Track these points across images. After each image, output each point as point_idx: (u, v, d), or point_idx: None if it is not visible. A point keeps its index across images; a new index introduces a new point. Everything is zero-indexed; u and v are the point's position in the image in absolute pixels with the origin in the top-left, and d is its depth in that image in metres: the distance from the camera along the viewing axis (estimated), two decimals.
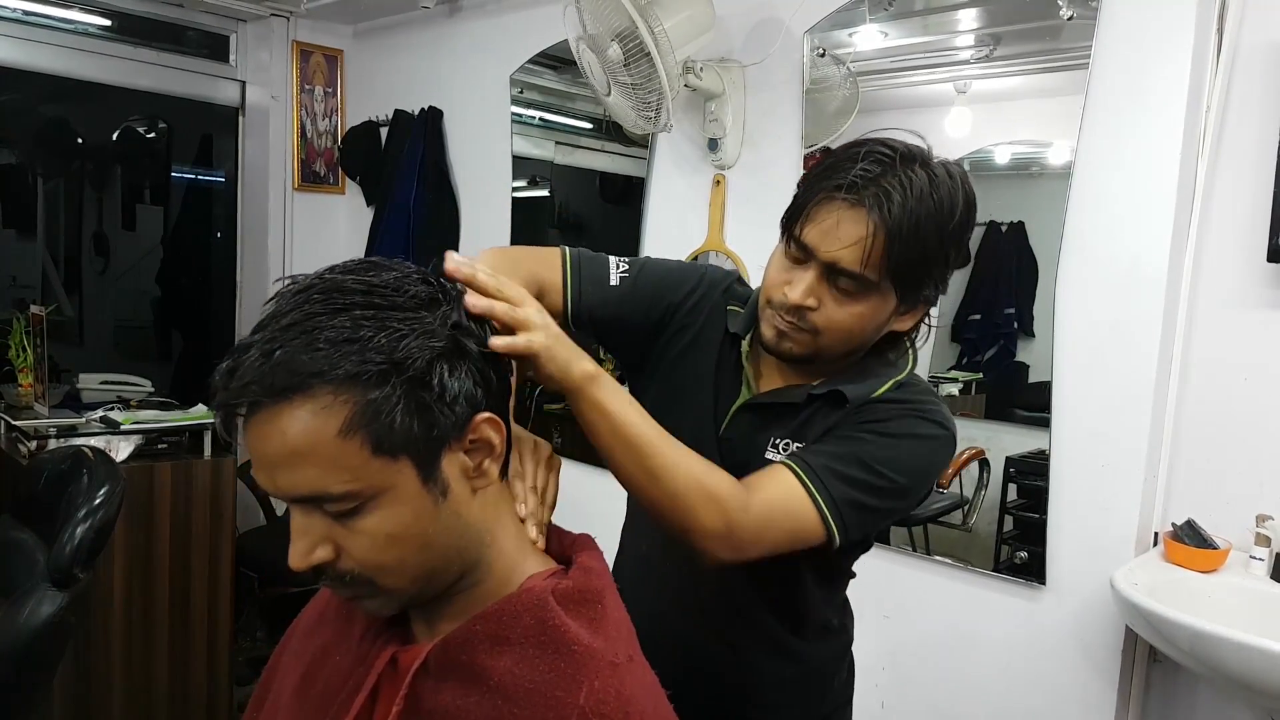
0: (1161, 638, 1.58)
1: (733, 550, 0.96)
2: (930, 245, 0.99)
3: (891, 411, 1.07)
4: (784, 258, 1.06)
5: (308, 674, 0.83)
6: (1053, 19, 1.91)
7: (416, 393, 0.67)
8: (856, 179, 0.97)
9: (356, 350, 0.65)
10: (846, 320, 1.03)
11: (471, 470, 0.72)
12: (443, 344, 0.69)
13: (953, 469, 2.13)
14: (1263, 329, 1.75)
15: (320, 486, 0.66)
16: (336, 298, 0.67)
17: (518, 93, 3.01)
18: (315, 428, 0.64)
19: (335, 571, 0.70)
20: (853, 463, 1.01)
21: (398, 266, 0.72)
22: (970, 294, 2.16)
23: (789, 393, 1.11)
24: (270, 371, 0.64)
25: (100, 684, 2.38)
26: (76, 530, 1.64)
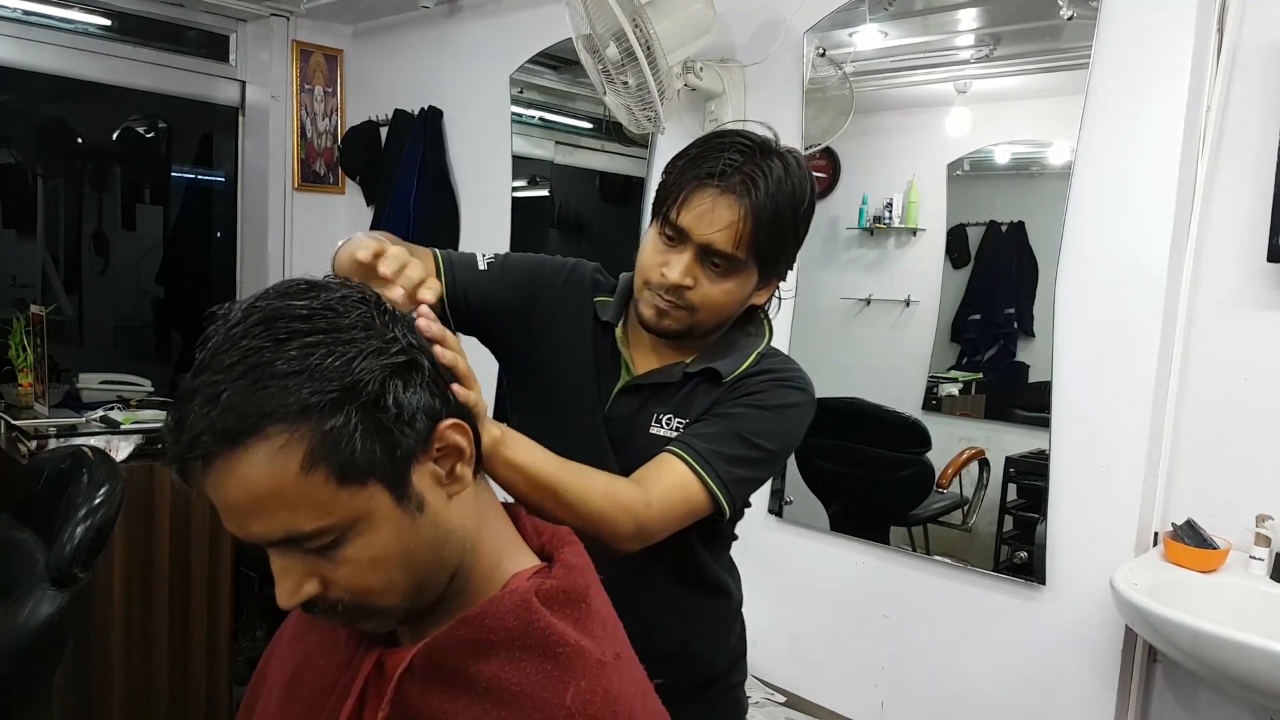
0: (1161, 638, 1.58)
1: (642, 541, 1.07)
2: (787, 226, 1.13)
3: (763, 384, 1.18)
4: (658, 240, 1.14)
5: (295, 677, 0.83)
6: (1053, 19, 1.91)
7: (373, 415, 0.64)
8: (726, 168, 1.09)
9: (305, 381, 0.62)
10: (719, 296, 1.14)
11: (444, 478, 0.71)
12: (395, 360, 0.66)
13: (953, 469, 2.13)
14: (1263, 329, 1.75)
15: (292, 527, 0.64)
16: (278, 326, 0.63)
17: (517, 92, 3.01)
18: (276, 469, 0.62)
19: (326, 603, 0.69)
20: (734, 440, 1.13)
21: (333, 285, 0.69)
22: (970, 294, 2.16)
23: (666, 372, 1.21)
24: (219, 417, 0.61)
25: (100, 683, 2.37)
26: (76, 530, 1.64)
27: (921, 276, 2.20)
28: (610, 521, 1.02)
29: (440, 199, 3.22)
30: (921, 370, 2.20)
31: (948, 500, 2.16)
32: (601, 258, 1.34)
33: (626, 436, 1.19)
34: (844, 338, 2.30)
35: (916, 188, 2.18)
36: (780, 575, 2.39)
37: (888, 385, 2.26)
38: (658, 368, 1.21)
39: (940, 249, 2.16)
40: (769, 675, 2.39)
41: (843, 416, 2.31)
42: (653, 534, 1.08)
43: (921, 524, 2.21)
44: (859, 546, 2.25)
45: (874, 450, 2.30)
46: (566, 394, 1.23)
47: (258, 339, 0.63)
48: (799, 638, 2.36)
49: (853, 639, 2.26)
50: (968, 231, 2.14)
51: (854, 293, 2.29)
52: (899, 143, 2.27)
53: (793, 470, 2.36)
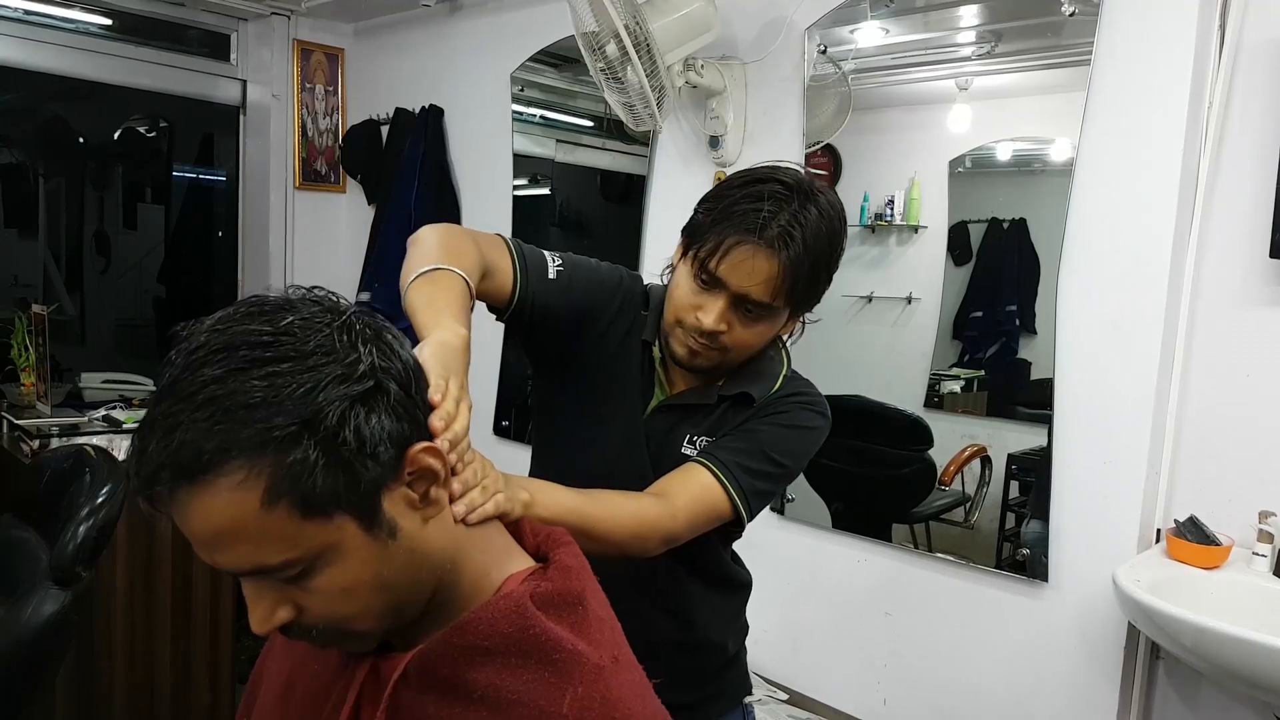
0: (1164, 634, 1.58)
1: (669, 547, 1.13)
2: (822, 273, 1.17)
3: (790, 405, 1.24)
4: (692, 280, 1.16)
5: (290, 679, 0.82)
6: (1054, 15, 1.90)
7: (334, 448, 0.62)
8: (764, 221, 1.11)
9: (260, 415, 0.60)
10: (750, 338, 1.18)
11: (418, 502, 0.69)
12: (358, 387, 0.63)
13: (955, 466, 2.13)
14: (1265, 325, 1.74)
15: (257, 561, 0.63)
16: (239, 354, 0.61)
17: (518, 91, 3.01)
18: (236, 504, 0.60)
19: (301, 627, 0.68)
20: (758, 456, 1.18)
21: (296, 305, 0.66)
22: (972, 291, 2.16)
23: (701, 394, 1.25)
24: (177, 451, 0.59)
25: (103, 682, 2.38)
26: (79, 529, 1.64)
27: (923, 274, 2.20)
28: (640, 546, 1.09)
29: (441, 197, 3.22)
30: (923, 368, 2.20)
31: (950, 498, 2.16)
32: (603, 255, 1.34)
33: (658, 453, 1.23)
34: (846, 335, 2.30)
35: (918, 185, 2.18)
36: (782, 573, 2.39)
37: (890, 383, 2.26)
38: (692, 388, 1.26)
39: (942, 246, 2.16)
40: (771, 673, 2.39)
41: (845, 414, 2.29)
42: (679, 540, 1.13)
43: (924, 521, 2.21)
44: (861, 544, 2.25)
45: (876, 448, 2.30)
46: (608, 407, 1.26)
47: (217, 367, 0.61)
48: (801, 635, 2.36)
49: (855, 636, 2.26)
50: (969, 229, 2.14)
51: (855, 290, 2.29)
52: (900, 140, 2.27)
53: None
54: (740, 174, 1.18)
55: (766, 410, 1.23)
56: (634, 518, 1.08)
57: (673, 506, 1.11)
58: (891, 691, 2.20)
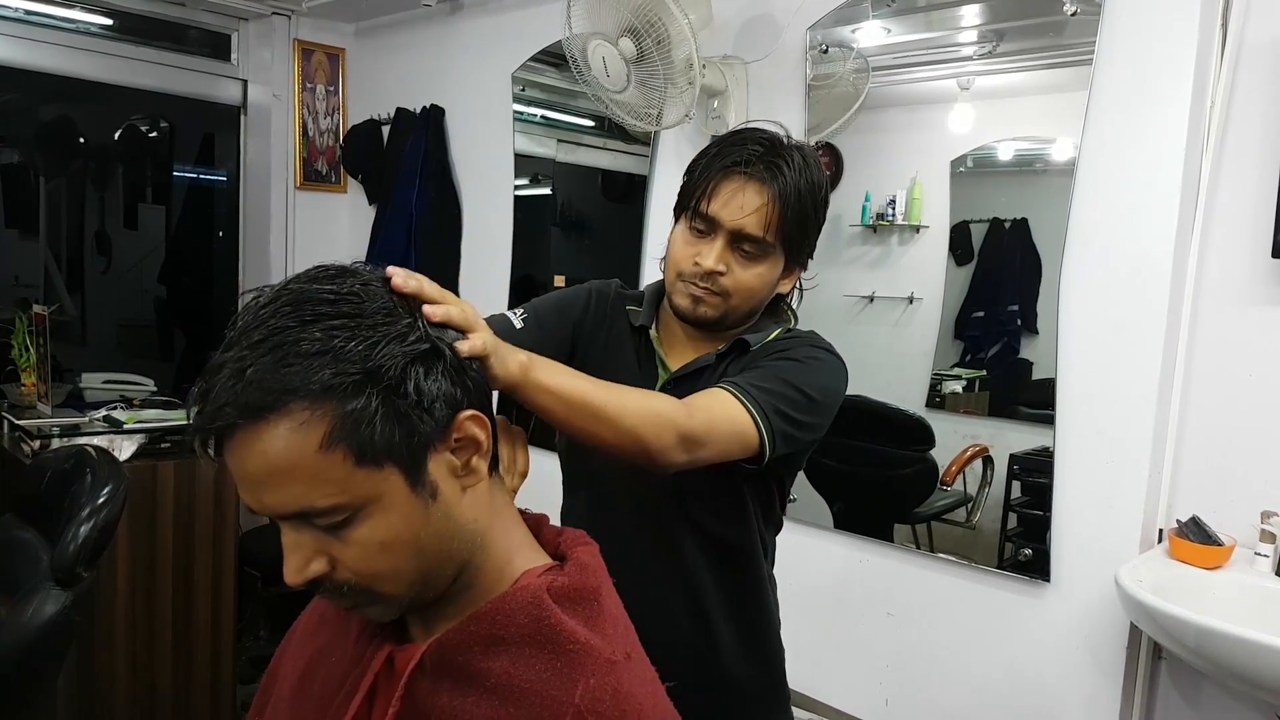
0: (1166, 634, 1.57)
1: (687, 451, 1.07)
2: (809, 211, 1.19)
3: (789, 343, 1.25)
4: (687, 233, 1.20)
5: (306, 674, 0.83)
6: (1056, 15, 1.90)
7: (394, 400, 0.66)
8: (750, 156, 1.16)
9: (329, 362, 0.64)
10: (751, 280, 1.20)
11: (460, 469, 0.72)
12: (417, 348, 0.68)
13: (956, 466, 2.13)
14: (1268, 325, 1.74)
15: (306, 502, 0.65)
16: (305, 309, 0.65)
17: (519, 90, 3.01)
18: (295, 444, 0.63)
19: (332, 583, 0.69)
20: (772, 379, 1.17)
21: (360, 273, 0.71)
22: (973, 291, 2.15)
23: (700, 360, 1.27)
24: (244, 391, 0.63)
25: (104, 682, 2.38)
26: (80, 529, 1.64)
27: (925, 274, 2.20)
28: (649, 433, 1.03)
29: (442, 197, 3.22)
30: (925, 368, 2.20)
31: (952, 498, 2.16)
32: (604, 255, 1.36)
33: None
34: (847, 335, 2.30)
35: (920, 184, 2.18)
36: (784, 573, 2.38)
37: (891, 383, 2.26)
38: (693, 359, 1.27)
39: (943, 246, 2.16)
40: None
41: (846, 414, 2.28)
42: (697, 440, 1.07)
43: (925, 521, 2.21)
44: (863, 544, 2.25)
45: (878, 448, 2.30)
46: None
47: (285, 319, 0.65)
48: (803, 635, 2.35)
49: (856, 637, 2.26)
50: (971, 228, 2.13)
51: (857, 290, 2.29)
52: (902, 139, 2.26)
53: None
54: (719, 136, 1.24)
55: (767, 350, 1.23)
56: (646, 408, 1.05)
57: (688, 407, 1.08)
58: (893, 692, 2.20)
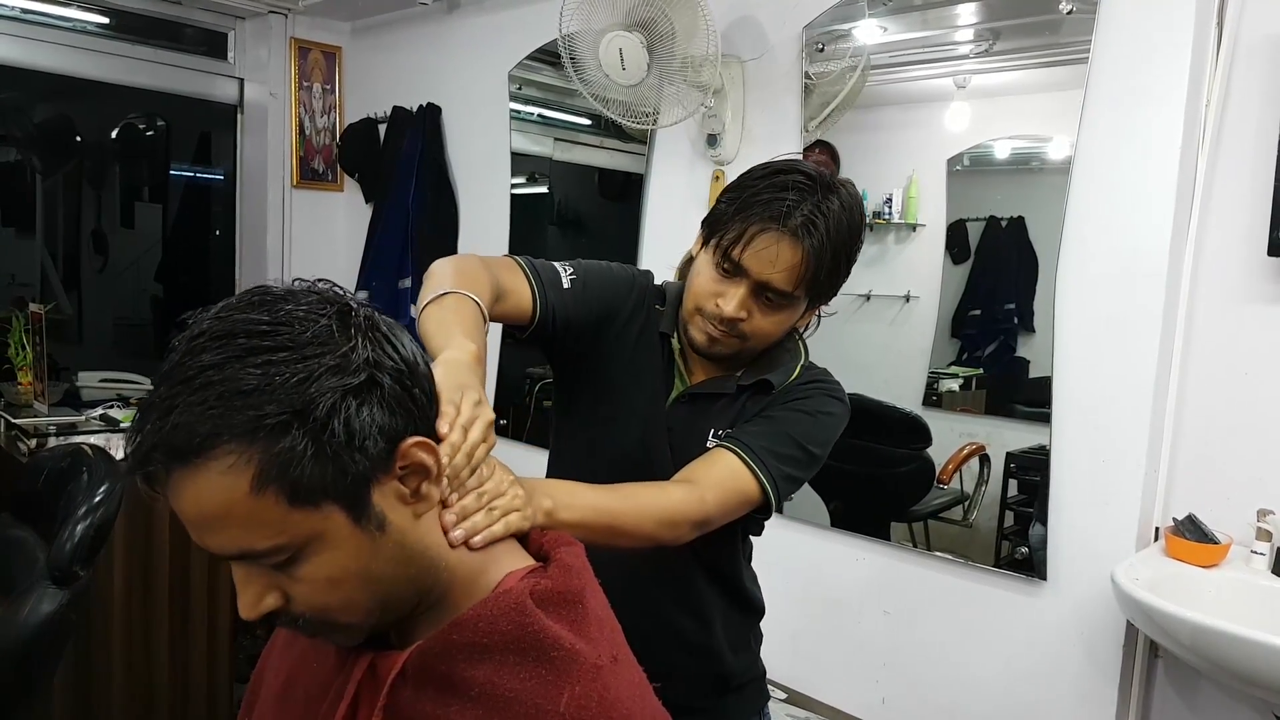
0: (1162, 632, 1.58)
1: (698, 532, 1.12)
2: (842, 264, 1.18)
3: (809, 391, 1.25)
4: (713, 269, 1.17)
5: (290, 679, 0.82)
6: (1052, 13, 1.90)
7: (322, 439, 0.63)
8: (788, 210, 1.12)
9: (253, 403, 0.61)
10: (770, 327, 1.19)
11: (409, 496, 0.69)
12: (351, 380, 0.64)
13: (953, 464, 2.13)
14: (1263, 323, 1.74)
15: (245, 545, 0.64)
16: (234, 342, 0.63)
17: (516, 89, 3.01)
18: (225, 488, 0.62)
19: (288, 615, 0.68)
20: (784, 440, 1.19)
21: (297, 295, 0.67)
22: (970, 289, 2.15)
23: (721, 384, 1.25)
24: (170, 434, 0.61)
25: (100, 681, 2.37)
26: (76, 528, 1.64)
27: (921, 272, 2.20)
28: (673, 534, 1.08)
29: (439, 196, 3.22)
30: (922, 366, 2.20)
31: (948, 496, 2.16)
32: (601, 254, 1.35)
33: (681, 445, 1.23)
34: (844, 333, 2.30)
35: (916, 183, 2.18)
36: (781, 572, 2.39)
37: (888, 381, 2.26)
38: (712, 378, 1.26)
39: (940, 244, 2.16)
40: (770, 671, 2.37)
41: None
42: (712, 526, 1.13)
43: (922, 520, 2.21)
44: (860, 543, 2.25)
45: (874, 446, 2.30)
46: (630, 398, 1.27)
47: (215, 353, 0.62)
48: (800, 634, 2.36)
49: (854, 635, 2.26)
50: (967, 227, 2.13)
51: (854, 288, 2.29)
52: (898, 138, 2.26)
53: None
54: (762, 166, 1.19)
55: (786, 397, 1.24)
56: (662, 508, 1.08)
57: (701, 492, 1.11)
58: (890, 690, 2.20)
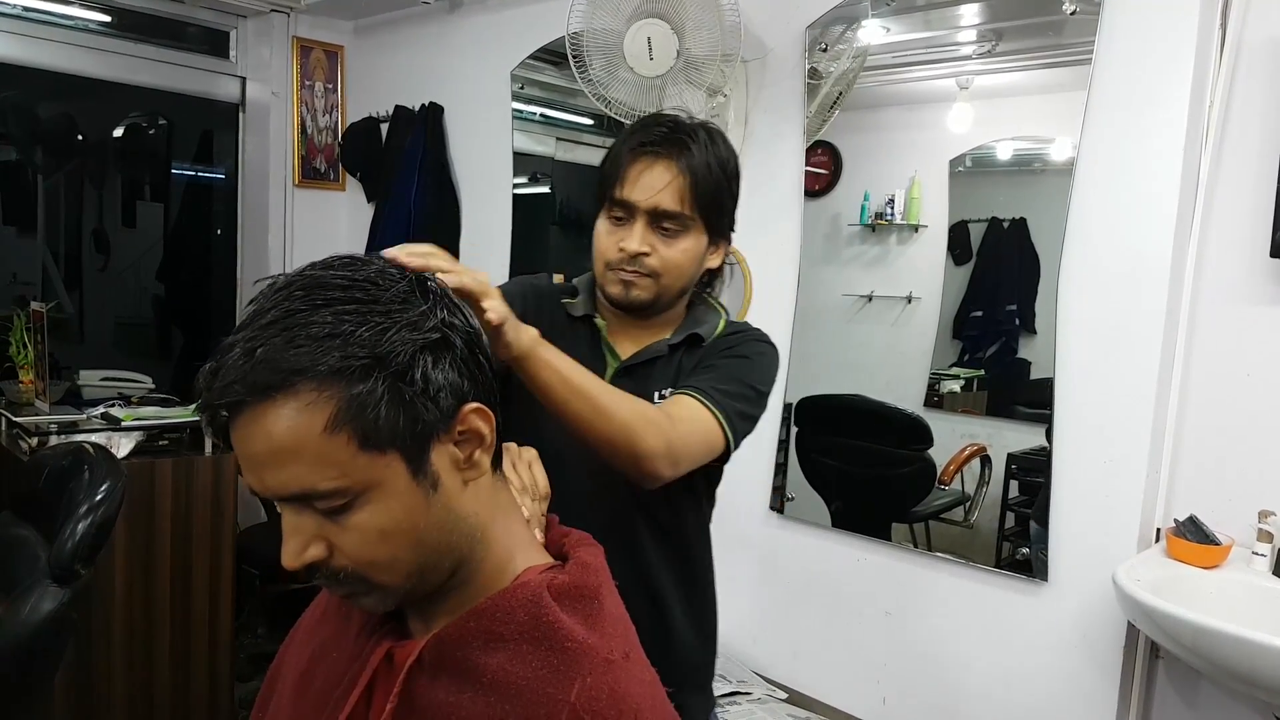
0: (1163, 633, 1.58)
1: (671, 464, 1.13)
2: (722, 182, 1.23)
3: (736, 340, 1.30)
4: (609, 223, 1.23)
5: (307, 671, 0.83)
6: (1055, 14, 1.90)
7: (400, 386, 0.66)
8: (655, 137, 1.20)
9: (339, 345, 0.64)
10: (677, 256, 1.23)
11: (462, 462, 0.71)
12: (427, 336, 0.68)
13: (954, 465, 2.13)
14: (1266, 325, 1.74)
15: (308, 484, 0.66)
16: (318, 293, 0.66)
17: (518, 88, 3.01)
18: (300, 425, 0.64)
19: (329, 569, 0.70)
20: (731, 380, 1.23)
21: (378, 261, 0.72)
22: (972, 290, 2.15)
23: (653, 349, 1.29)
24: (252, 370, 0.63)
25: (101, 680, 2.37)
26: (78, 527, 1.63)
27: (923, 273, 2.20)
28: (643, 435, 1.09)
29: (441, 195, 3.21)
30: (923, 367, 2.20)
31: (949, 497, 2.16)
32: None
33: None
34: (846, 334, 2.30)
35: (918, 184, 2.18)
36: (782, 572, 2.39)
37: (890, 382, 2.26)
38: (642, 347, 1.30)
39: (942, 245, 2.16)
40: (771, 672, 2.39)
41: (845, 413, 2.31)
42: (678, 454, 1.13)
43: (923, 521, 2.21)
44: (861, 543, 2.25)
45: (876, 447, 2.30)
46: None
47: (297, 302, 0.66)
48: (801, 634, 2.36)
49: (855, 635, 2.26)
50: (970, 228, 2.13)
51: (856, 289, 2.29)
52: (901, 139, 2.26)
53: (794, 467, 2.36)
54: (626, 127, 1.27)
55: (719, 348, 1.29)
56: (638, 410, 1.11)
57: (670, 417, 1.14)
58: (891, 690, 2.20)
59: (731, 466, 1.24)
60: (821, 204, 2.33)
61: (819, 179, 2.33)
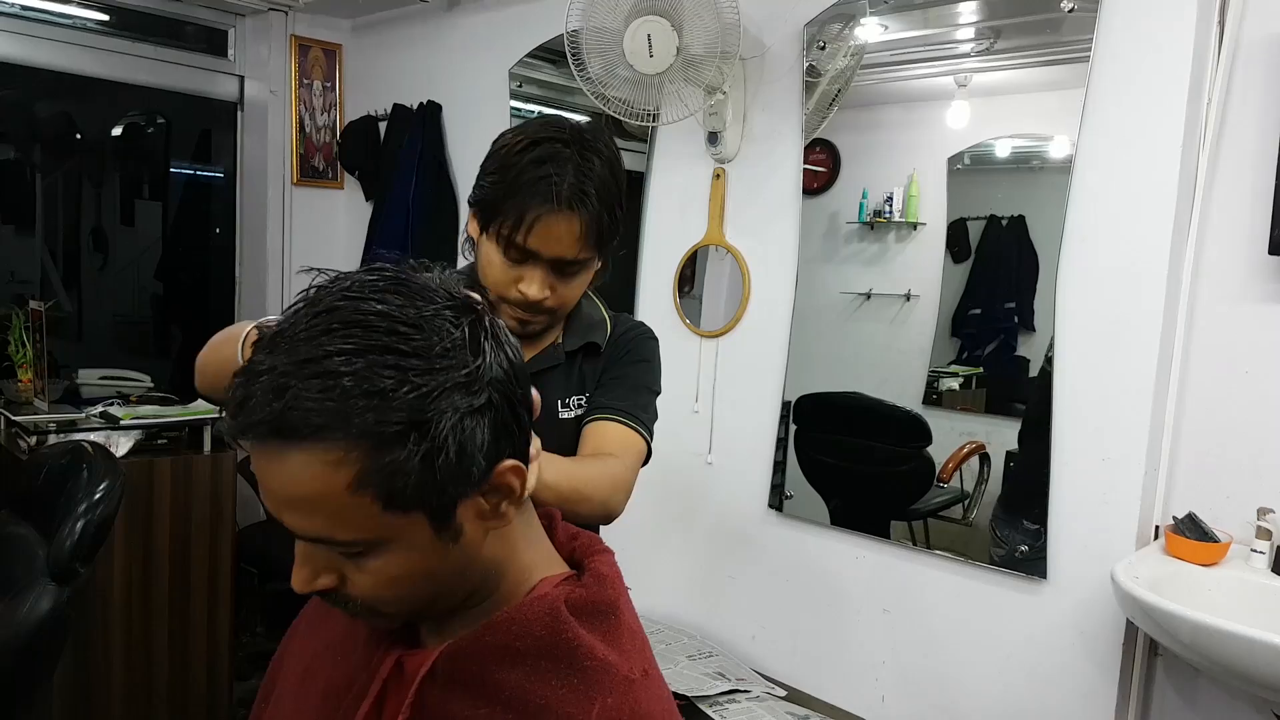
0: (1162, 631, 1.58)
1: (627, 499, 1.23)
2: (617, 215, 1.24)
3: (632, 341, 1.38)
4: (502, 257, 1.21)
5: (310, 669, 0.82)
6: (1053, 12, 1.90)
7: (434, 456, 0.62)
8: (556, 185, 1.16)
9: (375, 406, 0.59)
10: (573, 293, 1.27)
11: (488, 512, 0.69)
12: (472, 402, 0.63)
13: (953, 463, 2.13)
14: (1264, 322, 1.74)
15: (326, 533, 0.64)
16: (359, 334, 0.60)
17: (516, 87, 3.01)
18: (324, 478, 0.60)
19: (339, 596, 0.69)
20: (641, 391, 1.34)
21: (430, 292, 0.65)
22: (970, 288, 2.15)
23: (549, 356, 1.33)
24: (282, 413, 0.59)
25: (100, 679, 2.38)
26: (76, 525, 1.64)
27: (922, 271, 2.20)
28: (612, 501, 1.18)
29: (439, 194, 3.21)
30: (922, 364, 2.20)
31: (948, 495, 2.16)
32: None
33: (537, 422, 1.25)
34: (844, 332, 2.30)
35: (917, 182, 2.18)
36: (780, 570, 2.39)
37: (888, 380, 2.26)
38: (538, 353, 1.33)
39: (941, 243, 2.16)
40: (770, 670, 2.39)
41: (843, 411, 2.31)
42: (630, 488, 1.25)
43: (922, 518, 2.21)
44: (859, 541, 2.25)
45: (874, 445, 2.30)
46: None
47: (337, 339, 0.60)
48: (800, 632, 2.36)
49: (853, 633, 2.26)
50: (968, 226, 2.13)
51: (854, 287, 2.29)
52: (899, 136, 2.26)
53: (793, 465, 2.36)
54: (515, 136, 1.24)
55: (618, 352, 1.36)
56: (612, 475, 1.19)
57: (623, 461, 1.24)
58: (890, 688, 2.20)
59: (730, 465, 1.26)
60: (820, 202, 2.33)
61: (817, 177, 2.33)
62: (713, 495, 2.51)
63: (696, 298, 2.58)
